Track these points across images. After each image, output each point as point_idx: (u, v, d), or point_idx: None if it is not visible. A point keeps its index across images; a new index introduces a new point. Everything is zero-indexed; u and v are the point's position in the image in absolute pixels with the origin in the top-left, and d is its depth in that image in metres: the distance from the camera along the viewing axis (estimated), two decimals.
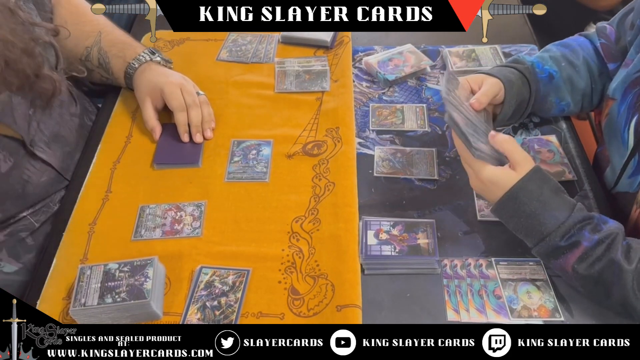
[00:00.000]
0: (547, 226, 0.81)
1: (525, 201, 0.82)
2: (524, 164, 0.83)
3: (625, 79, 0.94)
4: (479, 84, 0.95)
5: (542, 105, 1.04)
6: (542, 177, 0.83)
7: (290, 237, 0.93)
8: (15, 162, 0.92)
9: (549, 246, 0.81)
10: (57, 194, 1.01)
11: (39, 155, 0.96)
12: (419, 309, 0.85)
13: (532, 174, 0.82)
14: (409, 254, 0.89)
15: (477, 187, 0.88)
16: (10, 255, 0.94)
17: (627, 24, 0.99)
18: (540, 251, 0.83)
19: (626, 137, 0.92)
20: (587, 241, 0.79)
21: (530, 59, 1.03)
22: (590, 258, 0.79)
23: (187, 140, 1.07)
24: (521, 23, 1.36)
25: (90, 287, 0.82)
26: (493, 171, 0.84)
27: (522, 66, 1.01)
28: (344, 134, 1.08)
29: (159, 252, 0.89)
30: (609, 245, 0.79)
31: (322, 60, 1.25)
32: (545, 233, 0.81)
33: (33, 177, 0.95)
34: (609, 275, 0.78)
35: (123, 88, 1.17)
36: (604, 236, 0.79)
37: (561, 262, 0.81)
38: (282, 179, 1.02)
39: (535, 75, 1.01)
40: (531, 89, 1.00)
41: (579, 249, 0.79)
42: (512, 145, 0.85)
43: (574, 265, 0.80)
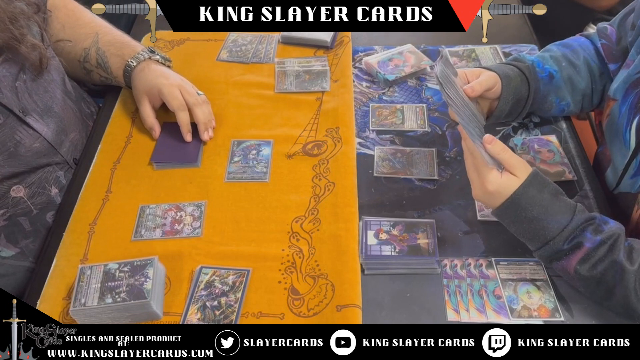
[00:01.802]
0: (550, 230, 0.81)
1: (527, 207, 0.81)
2: (522, 168, 0.83)
3: (626, 80, 0.94)
4: (476, 76, 0.95)
5: (541, 104, 1.04)
6: (542, 181, 0.83)
7: (290, 237, 0.93)
8: (6, 122, 0.93)
9: (552, 250, 0.81)
10: (52, 175, 1.00)
11: (31, 124, 0.96)
12: (419, 309, 0.85)
13: (532, 179, 0.82)
14: (409, 254, 0.89)
15: (479, 196, 0.86)
16: (9, 240, 0.94)
17: (627, 24, 0.99)
18: (542, 254, 0.83)
19: (628, 137, 0.92)
20: (590, 242, 0.79)
21: (530, 58, 1.03)
22: (592, 259, 0.79)
23: (190, 140, 1.07)
24: (521, 23, 1.36)
25: (90, 287, 0.82)
26: (496, 178, 0.83)
27: (522, 64, 1.01)
28: (344, 134, 1.08)
29: (159, 252, 0.89)
30: (611, 246, 0.78)
31: (322, 60, 1.25)
32: (549, 237, 0.81)
33: (25, 140, 0.95)
34: (611, 276, 0.78)
35: (123, 88, 1.17)
36: (606, 237, 0.79)
37: (563, 264, 0.81)
38: (282, 179, 1.02)
39: (536, 74, 1.01)
40: (530, 87, 1.00)
41: (582, 250, 0.79)
42: (507, 153, 0.83)
43: (576, 266, 0.80)
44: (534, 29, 1.35)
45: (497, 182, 0.82)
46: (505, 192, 0.82)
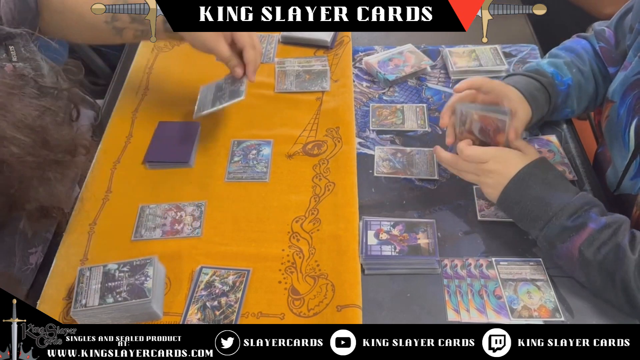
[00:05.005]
0: (553, 206, 0.82)
1: (531, 184, 0.83)
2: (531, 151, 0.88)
3: (624, 82, 0.94)
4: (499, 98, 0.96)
5: (550, 114, 1.04)
6: (548, 165, 0.86)
7: (291, 237, 0.93)
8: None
9: (555, 227, 0.82)
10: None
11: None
12: (419, 309, 0.85)
13: (538, 162, 0.85)
14: (409, 254, 0.89)
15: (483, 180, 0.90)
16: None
17: (625, 26, 0.99)
18: (548, 234, 0.83)
19: (627, 139, 0.92)
20: (594, 223, 0.80)
21: (550, 70, 1.02)
22: (597, 241, 0.79)
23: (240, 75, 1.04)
24: (521, 23, 1.36)
25: (90, 288, 0.82)
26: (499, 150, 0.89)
27: (546, 80, 1.00)
28: (344, 134, 1.08)
29: (159, 252, 0.89)
30: (615, 230, 0.79)
31: (322, 60, 1.25)
32: (552, 213, 0.82)
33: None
34: (613, 261, 0.78)
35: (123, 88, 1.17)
36: (612, 221, 0.80)
37: (568, 246, 0.81)
38: (282, 179, 1.02)
39: (556, 87, 1.01)
40: (551, 103, 1.01)
41: (586, 230, 0.80)
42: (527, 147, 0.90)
43: (580, 247, 0.80)
44: (534, 29, 1.35)
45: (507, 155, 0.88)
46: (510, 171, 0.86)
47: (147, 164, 1.04)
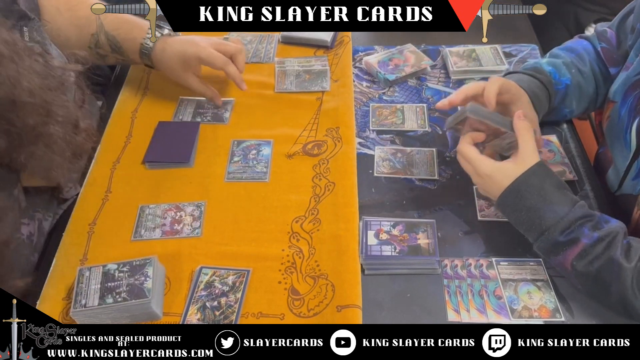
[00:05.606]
0: (546, 220, 0.81)
1: (526, 195, 0.82)
2: (527, 159, 0.84)
3: (625, 82, 0.94)
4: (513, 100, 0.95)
5: (548, 113, 1.04)
6: (545, 172, 0.84)
7: (291, 237, 0.93)
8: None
9: (548, 241, 0.81)
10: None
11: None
12: (419, 309, 0.85)
13: (536, 168, 0.83)
14: (409, 254, 0.89)
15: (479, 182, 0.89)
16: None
17: (627, 26, 0.99)
18: (540, 246, 0.83)
19: (629, 139, 0.92)
20: (587, 238, 0.79)
21: (548, 69, 1.02)
22: (589, 256, 0.79)
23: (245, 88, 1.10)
24: (521, 23, 1.36)
25: (90, 288, 0.82)
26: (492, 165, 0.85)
27: (545, 78, 1.00)
28: (344, 134, 1.08)
29: (159, 252, 0.89)
30: (609, 244, 0.78)
31: (322, 60, 1.24)
32: (544, 227, 0.81)
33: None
34: (608, 273, 0.78)
35: (123, 88, 1.17)
36: (604, 234, 0.79)
37: (561, 259, 0.81)
38: (282, 179, 1.02)
39: (554, 86, 1.01)
40: (550, 102, 1.00)
41: (578, 245, 0.79)
42: (527, 135, 0.85)
43: (572, 262, 0.80)
44: (534, 29, 1.35)
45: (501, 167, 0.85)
46: (506, 180, 0.84)
47: (146, 164, 1.04)
